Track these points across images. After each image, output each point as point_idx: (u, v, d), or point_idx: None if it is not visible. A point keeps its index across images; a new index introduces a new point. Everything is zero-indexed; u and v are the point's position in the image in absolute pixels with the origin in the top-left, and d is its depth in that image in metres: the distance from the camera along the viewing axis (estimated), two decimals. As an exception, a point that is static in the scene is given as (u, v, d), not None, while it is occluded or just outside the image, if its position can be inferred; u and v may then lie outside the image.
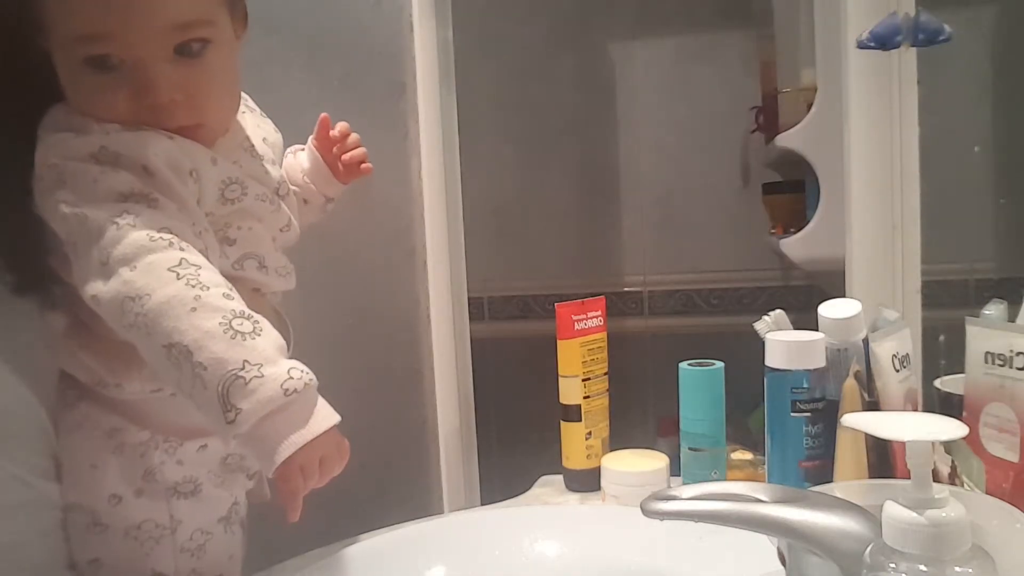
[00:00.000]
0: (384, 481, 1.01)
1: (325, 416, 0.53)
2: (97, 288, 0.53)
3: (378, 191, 1.00)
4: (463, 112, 1.06)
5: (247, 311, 0.53)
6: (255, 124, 0.71)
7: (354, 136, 0.82)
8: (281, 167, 0.73)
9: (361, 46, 0.99)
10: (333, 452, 0.54)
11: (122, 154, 0.55)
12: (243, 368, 0.50)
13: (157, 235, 0.53)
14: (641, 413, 1.70)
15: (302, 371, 0.52)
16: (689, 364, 0.78)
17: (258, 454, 0.52)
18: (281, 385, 0.50)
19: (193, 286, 0.52)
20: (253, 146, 0.67)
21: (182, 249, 0.54)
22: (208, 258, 0.56)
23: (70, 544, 0.62)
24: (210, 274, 0.54)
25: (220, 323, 0.51)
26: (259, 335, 0.52)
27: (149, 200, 0.55)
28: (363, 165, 0.83)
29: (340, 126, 0.82)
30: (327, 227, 0.86)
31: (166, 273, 0.52)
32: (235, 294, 0.54)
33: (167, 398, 0.62)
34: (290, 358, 0.55)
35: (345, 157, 0.81)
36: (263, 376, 0.50)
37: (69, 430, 0.62)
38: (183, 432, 0.63)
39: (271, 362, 0.51)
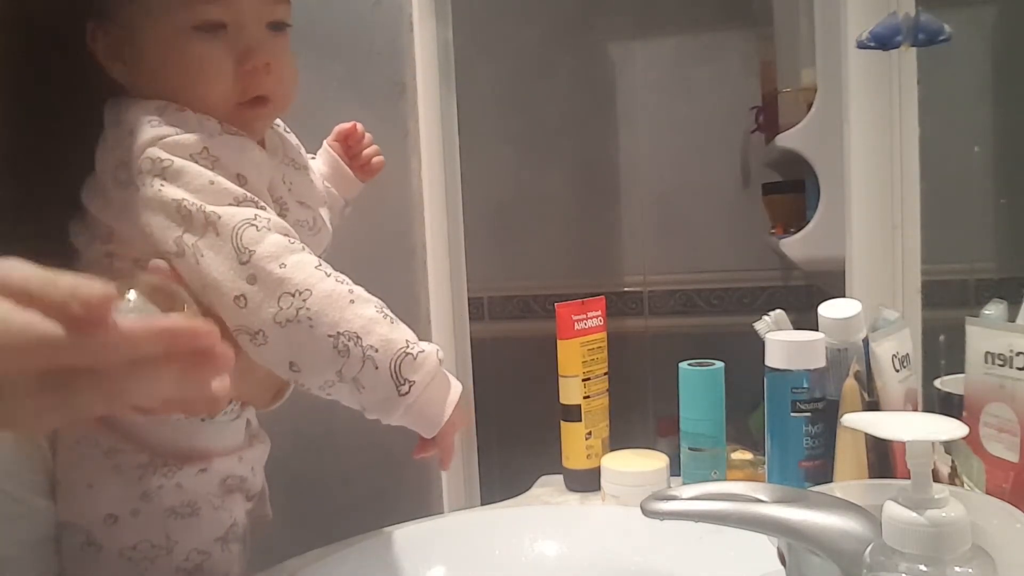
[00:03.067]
0: (384, 481, 1.01)
1: (455, 380, 0.62)
2: (241, 287, 0.55)
3: (378, 191, 1.00)
4: (463, 112, 1.06)
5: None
6: (289, 138, 0.72)
7: (368, 135, 0.85)
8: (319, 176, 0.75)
9: (361, 46, 0.99)
10: (464, 406, 0.62)
11: (220, 159, 0.58)
12: (407, 346, 0.56)
13: (290, 237, 0.57)
14: (641, 413, 1.70)
15: (436, 345, 0.59)
16: (689, 364, 0.78)
17: (421, 419, 0.58)
18: (436, 355, 0.58)
19: (341, 282, 0.57)
20: (294, 159, 0.70)
21: (311, 252, 0.58)
22: None
23: (63, 562, 0.60)
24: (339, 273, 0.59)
25: (376, 310, 0.57)
26: (399, 322, 0.59)
27: (259, 206, 0.58)
28: (375, 159, 0.84)
29: (358, 126, 0.83)
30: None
31: (315, 271, 0.56)
32: None
33: (170, 420, 0.61)
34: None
35: (363, 154, 0.84)
36: (424, 351, 0.57)
37: (67, 447, 0.60)
38: (183, 455, 0.62)
39: (417, 340, 0.58)
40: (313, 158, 0.83)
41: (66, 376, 0.35)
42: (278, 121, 0.73)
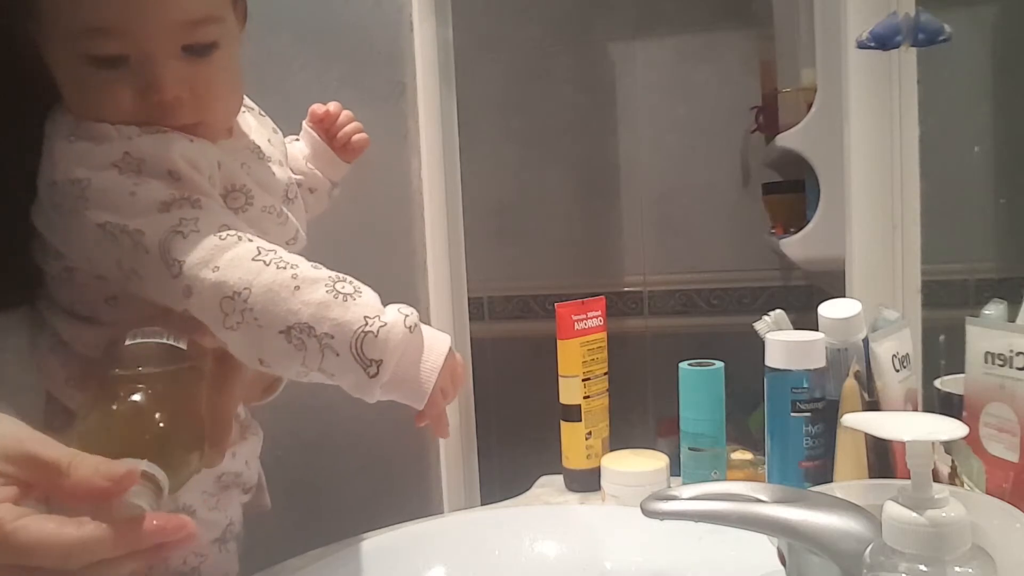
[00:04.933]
0: (384, 481, 1.01)
1: (441, 337, 0.56)
2: (182, 302, 0.52)
3: (378, 191, 1.00)
4: (463, 112, 1.06)
5: (339, 273, 0.54)
6: (257, 124, 0.69)
7: (346, 112, 0.81)
8: (287, 166, 0.71)
9: (361, 46, 0.99)
10: (455, 365, 0.57)
11: (145, 159, 0.54)
12: (366, 324, 0.51)
13: (224, 233, 0.53)
14: (641, 413, 1.70)
15: (408, 308, 0.54)
16: (689, 364, 0.78)
17: (405, 395, 0.54)
18: (404, 324, 0.53)
19: (283, 268, 0.52)
20: (259, 147, 0.66)
21: (250, 240, 0.54)
22: None
23: None
24: (287, 253, 0.54)
25: (327, 291, 0.52)
26: (362, 292, 0.54)
27: (192, 202, 0.54)
28: (355, 137, 0.80)
29: (331, 105, 0.80)
30: (327, 227, 0.86)
31: (252, 264, 0.52)
32: (318, 264, 0.55)
33: None
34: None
35: (340, 134, 0.80)
36: (386, 323, 0.52)
37: None
38: None
39: (383, 310, 0.53)
40: (297, 140, 0.82)
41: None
42: (252, 104, 0.71)
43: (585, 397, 0.86)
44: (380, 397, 0.54)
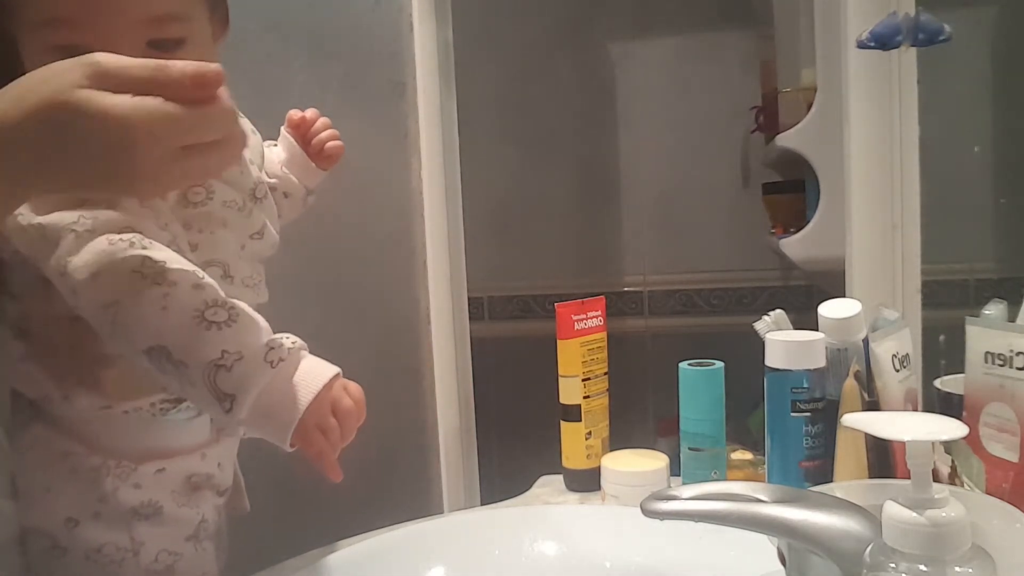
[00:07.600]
0: (384, 481, 1.01)
1: (320, 371, 0.53)
2: (72, 299, 0.52)
3: (378, 191, 1.00)
4: (463, 112, 1.06)
5: (220, 298, 0.52)
6: None
7: (323, 120, 0.80)
8: (261, 167, 0.70)
9: (361, 46, 0.99)
10: (343, 400, 0.53)
11: None
12: (222, 357, 0.49)
13: (116, 238, 0.52)
14: (641, 413, 1.70)
15: (283, 339, 0.52)
16: (689, 364, 0.78)
17: (268, 433, 0.52)
18: (264, 359, 0.50)
19: (160, 284, 0.51)
20: None
21: (144, 248, 0.53)
22: (176, 248, 0.55)
23: (30, 566, 0.59)
24: (177, 268, 0.52)
25: (194, 316, 0.50)
26: (236, 321, 0.51)
27: (109, 202, 0.54)
28: (328, 145, 0.79)
29: (308, 111, 0.79)
30: (327, 227, 0.86)
31: (131, 276, 0.51)
32: (207, 281, 0.53)
33: (118, 417, 0.59)
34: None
35: (315, 141, 0.79)
36: (243, 357, 0.50)
37: (22, 451, 0.59)
38: (136, 455, 0.61)
39: (248, 344, 0.51)
40: (274, 145, 0.81)
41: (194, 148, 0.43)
42: None
43: (585, 397, 0.86)
44: (247, 434, 0.53)
